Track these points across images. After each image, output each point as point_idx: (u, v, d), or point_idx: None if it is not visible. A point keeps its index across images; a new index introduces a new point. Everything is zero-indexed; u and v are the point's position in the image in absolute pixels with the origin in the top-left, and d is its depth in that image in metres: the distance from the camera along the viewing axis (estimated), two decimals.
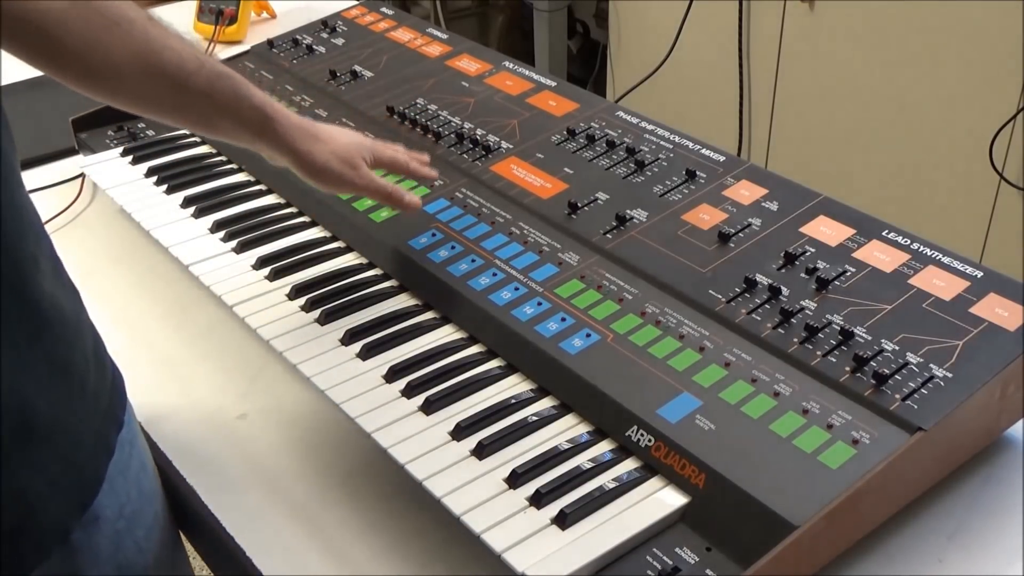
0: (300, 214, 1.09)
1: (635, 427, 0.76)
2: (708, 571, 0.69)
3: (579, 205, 0.98)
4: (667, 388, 0.78)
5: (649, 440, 0.75)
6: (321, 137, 0.89)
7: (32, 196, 0.67)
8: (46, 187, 1.25)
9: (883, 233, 0.90)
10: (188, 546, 0.91)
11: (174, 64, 0.78)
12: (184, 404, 0.93)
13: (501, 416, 0.80)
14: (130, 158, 1.21)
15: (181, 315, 1.03)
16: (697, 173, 1.00)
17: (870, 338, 0.79)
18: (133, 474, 0.76)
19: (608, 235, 0.94)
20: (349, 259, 1.01)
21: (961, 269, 0.85)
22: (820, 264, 0.87)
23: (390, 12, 1.41)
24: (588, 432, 0.79)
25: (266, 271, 0.99)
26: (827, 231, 0.91)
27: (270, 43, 1.38)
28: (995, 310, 0.80)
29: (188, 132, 1.25)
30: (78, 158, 1.28)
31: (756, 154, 2.39)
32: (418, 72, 1.25)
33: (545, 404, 0.82)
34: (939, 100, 1.97)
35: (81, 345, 0.70)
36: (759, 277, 0.86)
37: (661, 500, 0.73)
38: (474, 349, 0.88)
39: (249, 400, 0.92)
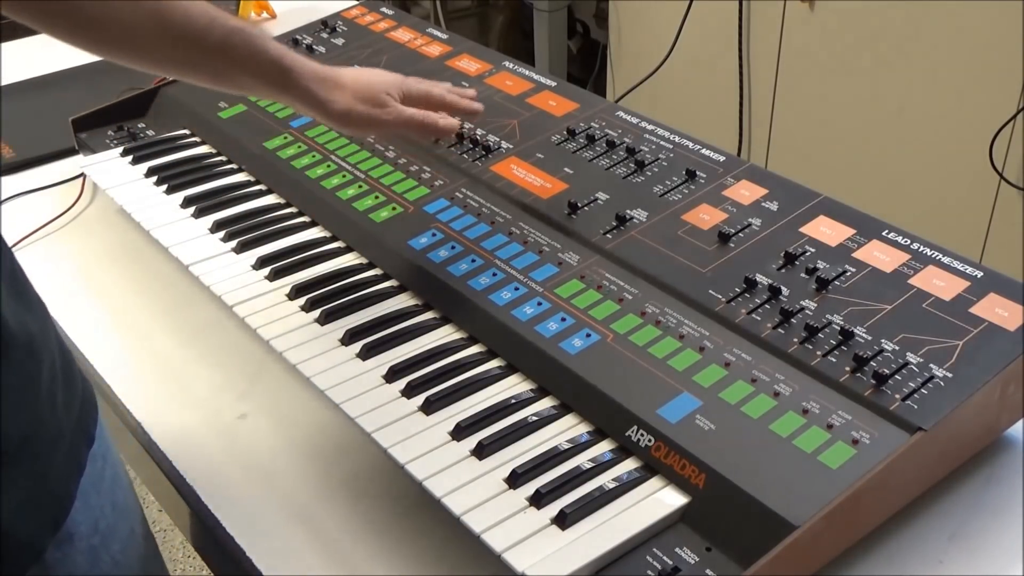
0: (300, 214, 1.09)
1: (635, 427, 0.76)
2: (708, 571, 0.69)
3: (579, 205, 0.98)
4: (667, 388, 0.78)
5: (649, 440, 0.75)
6: (342, 82, 0.87)
7: (32, 196, 0.67)
8: (46, 187, 1.25)
9: (883, 233, 0.90)
10: (188, 546, 0.91)
11: (183, 22, 0.78)
12: (184, 404, 0.93)
13: (501, 416, 0.80)
14: (130, 158, 1.21)
15: (181, 315, 1.03)
16: (697, 173, 1.00)
17: (870, 338, 0.79)
18: (107, 488, 0.74)
19: (608, 235, 0.94)
20: (349, 259, 1.01)
21: (961, 269, 0.85)
22: (820, 264, 0.87)
23: (390, 12, 1.41)
24: (588, 432, 0.79)
25: (266, 271, 0.99)
26: (827, 231, 0.91)
27: None
28: (995, 310, 0.80)
29: (188, 132, 1.25)
30: (78, 158, 1.28)
31: (756, 154, 2.39)
32: (418, 72, 1.25)
33: (545, 404, 0.82)
34: (939, 100, 1.97)
35: (48, 362, 0.68)
36: (759, 277, 0.86)
37: (661, 500, 0.73)
38: (474, 349, 0.88)
39: (249, 400, 0.92)
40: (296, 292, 0.95)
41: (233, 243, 1.04)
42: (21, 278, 0.70)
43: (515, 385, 0.84)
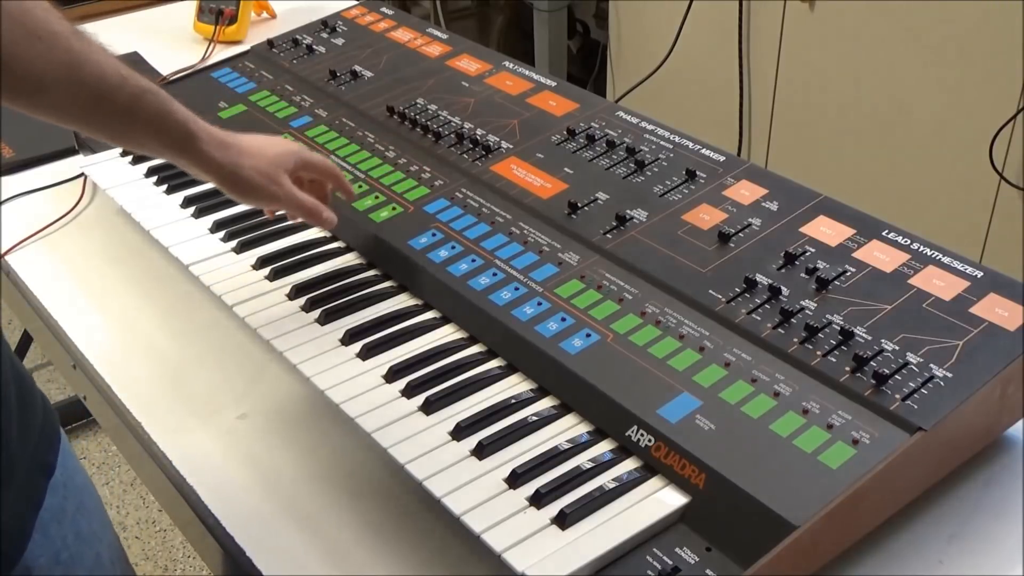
0: None
1: (635, 427, 0.76)
2: (708, 571, 0.69)
3: (579, 205, 0.98)
4: (667, 388, 0.78)
5: (649, 440, 0.75)
6: (245, 151, 0.88)
7: (32, 197, 0.67)
8: (46, 187, 1.25)
9: (883, 233, 0.90)
10: (188, 546, 0.91)
11: (96, 78, 0.76)
12: (184, 404, 0.93)
13: (501, 416, 0.80)
14: (130, 158, 1.21)
15: (181, 315, 1.03)
16: (697, 173, 1.00)
17: (870, 338, 0.79)
18: (69, 519, 0.73)
19: (608, 235, 0.94)
20: (349, 259, 1.01)
21: (961, 269, 0.85)
22: (820, 264, 0.87)
23: (390, 12, 1.41)
24: (588, 432, 0.79)
25: (266, 271, 0.99)
26: (827, 231, 0.91)
27: (270, 43, 1.38)
28: (995, 310, 0.80)
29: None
30: (78, 158, 1.28)
31: (756, 154, 2.39)
32: (418, 72, 1.25)
33: (545, 404, 0.82)
34: (939, 100, 1.97)
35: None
36: (759, 277, 0.86)
37: (661, 500, 0.73)
38: (474, 349, 0.88)
39: (249, 400, 0.92)
40: (296, 292, 0.95)
41: (233, 243, 1.04)
42: None
43: (515, 385, 0.84)
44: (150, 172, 1.18)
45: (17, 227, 1.17)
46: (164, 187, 1.15)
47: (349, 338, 0.89)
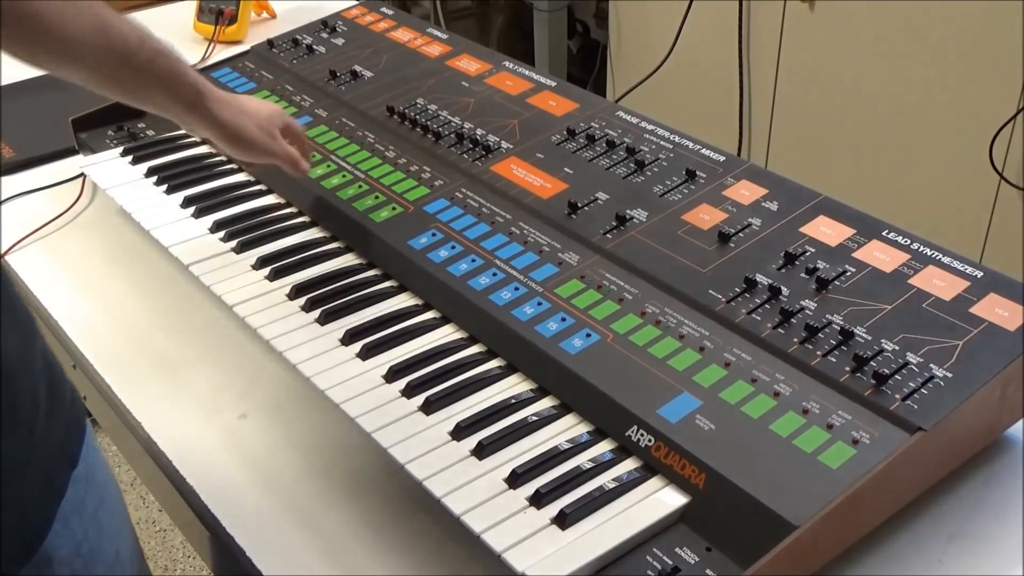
0: (300, 214, 1.09)
1: (635, 427, 0.76)
2: (708, 571, 0.69)
3: (579, 205, 0.98)
4: (667, 388, 0.78)
5: (649, 440, 0.75)
6: (245, 110, 0.96)
7: (32, 196, 0.67)
8: (46, 187, 1.25)
9: (883, 233, 0.90)
10: (188, 546, 0.91)
11: (121, 41, 0.83)
12: (184, 404, 0.93)
13: (501, 416, 0.80)
14: (130, 158, 1.21)
15: (181, 315, 1.03)
16: (697, 173, 1.00)
17: (870, 338, 0.79)
18: (89, 512, 0.74)
19: (608, 235, 0.94)
20: (349, 259, 1.01)
21: (961, 269, 0.85)
22: (820, 264, 0.87)
23: (390, 12, 1.41)
24: (588, 432, 0.79)
25: (266, 271, 0.99)
26: (827, 231, 0.91)
27: (270, 43, 1.38)
28: (995, 310, 0.80)
29: (188, 132, 1.25)
30: (78, 158, 1.28)
31: (756, 154, 2.39)
32: (418, 72, 1.25)
33: (545, 404, 0.82)
34: (939, 100, 1.97)
35: (29, 386, 0.67)
36: (759, 277, 0.86)
37: (661, 500, 0.73)
38: (474, 349, 0.88)
39: (249, 400, 0.92)
40: (296, 292, 0.95)
41: (233, 243, 1.04)
42: (7, 298, 0.69)
43: (515, 385, 0.84)
44: (150, 172, 1.18)
45: (17, 227, 1.17)
46: (164, 187, 1.15)
47: (349, 338, 0.89)
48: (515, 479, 0.74)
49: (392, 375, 0.85)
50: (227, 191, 1.13)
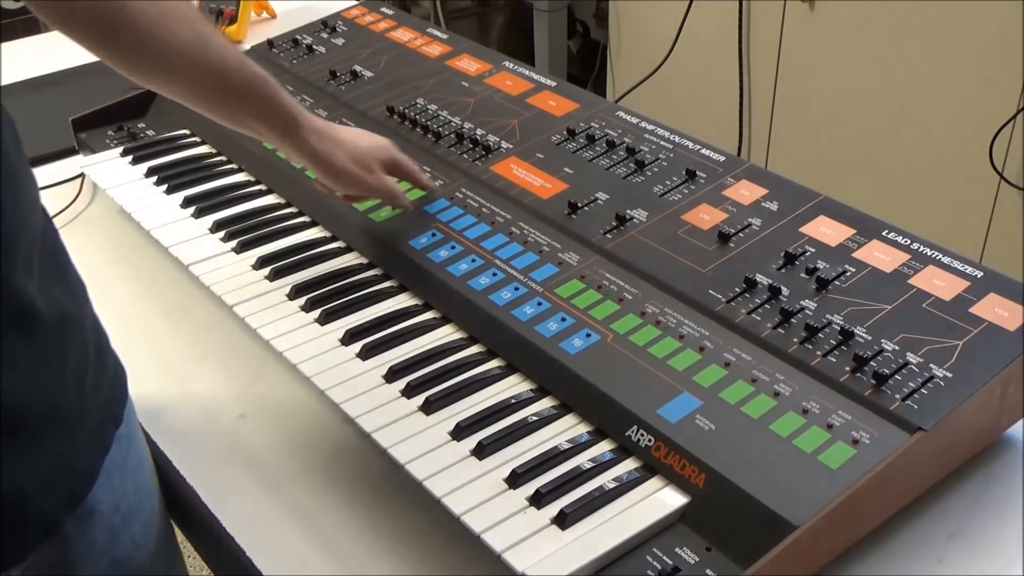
0: (300, 214, 1.09)
1: (635, 427, 0.76)
2: (708, 571, 0.69)
3: (579, 205, 0.98)
4: (667, 388, 0.78)
5: (649, 440, 0.75)
6: (341, 141, 0.94)
7: None
8: (46, 187, 1.25)
9: (883, 233, 0.90)
10: (188, 546, 0.91)
11: (218, 61, 0.83)
12: (184, 404, 0.93)
13: (501, 416, 0.80)
14: (130, 158, 1.21)
15: (181, 315, 1.03)
16: (697, 173, 1.00)
17: (870, 338, 0.79)
18: (130, 470, 0.76)
19: (608, 235, 0.94)
20: (349, 259, 1.01)
21: (961, 269, 0.85)
22: (820, 264, 0.87)
23: (390, 12, 1.41)
24: (588, 432, 0.79)
25: (266, 271, 0.99)
26: (827, 231, 0.91)
27: (270, 43, 1.38)
28: (995, 310, 0.80)
29: (188, 132, 1.25)
30: (78, 158, 1.28)
31: (756, 154, 2.39)
32: (418, 72, 1.25)
33: (545, 404, 0.82)
34: (939, 100, 1.97)
35: (79, 342, 0.70)
36: (759, 277, 0.86)
37: (661, 500, 0.73)
38: (474, 349, 0.88)
39: (249, 400, 0.92)
40: (296, 292, 0.95)
41: (233, 243, 1.04)
42: (63, 258, 0.72)
43: (515, 385, 0.84)
44: (150, 172, 1.18)
45: None
46: (164, 187, 1.15)
47: (349, 338, 0.89)
48: (515, 479, 0.74)
49: (392, 375, 0.85)
50: (227, 191, 1.13)
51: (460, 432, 0.79)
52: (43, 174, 1.28)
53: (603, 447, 0.78)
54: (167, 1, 0.79)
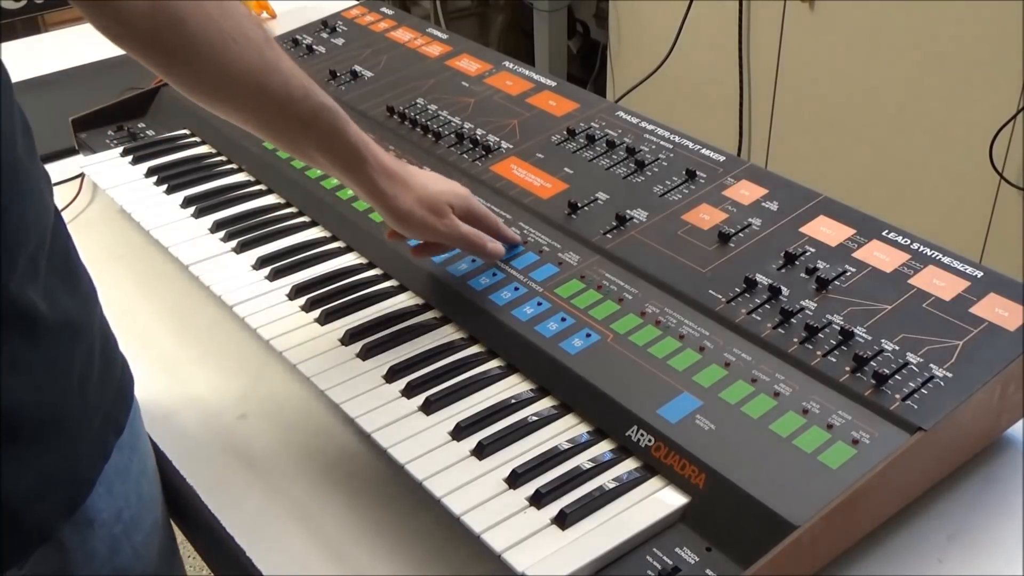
0: (300, 214, 1.09)
1: (635, 427, 0.76)
2: (708, 571, 0.69)
3: (579, 205, 0.98)
4: (667, 388, 0.78)
5: (649, 440, 0.75)
6: (410, 183, 0.88)
7: None
8: None
9: (883, 233, 0.90)
10: (188, 546, 0.91)
11: (282, 89, 0.79)
12: (184, 404, 0.93)
13: (501, 416, 0.80)
14: (130, 158, 1.21)
15: (181, 315, 1.03)
16: (697, 173, 1.00)
17: (870, 338, 0.79)
18: (133, 479, 0.76)
19: (608, 235, 0.94)
20: (349, 259, 1.01)
21: (961, 269, 0.85)
22: (820, 264, 0.87)
23: (390, 12, 1.41)
24: (588, 432, 0.79)
25: (266, 271, 0.99)
26: (827, 231, 0.91)
27: None
28: (995, 310, 0.80)
29: (188, 132, 1.25)
30: (78, 158, 1.28)
31: (756, 154, 2.39)
32: (418, 72, 1.25)
33: (545, 404, 0.82)
34: (939, 100, 1.97)
35: (84, 347, 0.69)
36: (759, 277, 0.86)
37: (661, 500, 0.73)
38: (474, 349, 0.88)
39: (249, 400, 0.92)
40: (296, 292, 0.95)
41: (233, 243, 1.04)
42: (72, 260, 0.71)
43: (515, 385, 0.84)
44: (150, 172, 1.18)
45: None
46: (164, 187, 1.15)
47: (349, 338, 0.89)
48: (515, 479, 0.74)
49: (392, 375, 0.85)
50: (227, 191, 1.13)
51: (460, 432, 0.79)
52: None
53: (603, 447, 0.78)
54: (233, 21, 0.75)
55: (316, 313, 0.93)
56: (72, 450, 0.68)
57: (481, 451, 0.77)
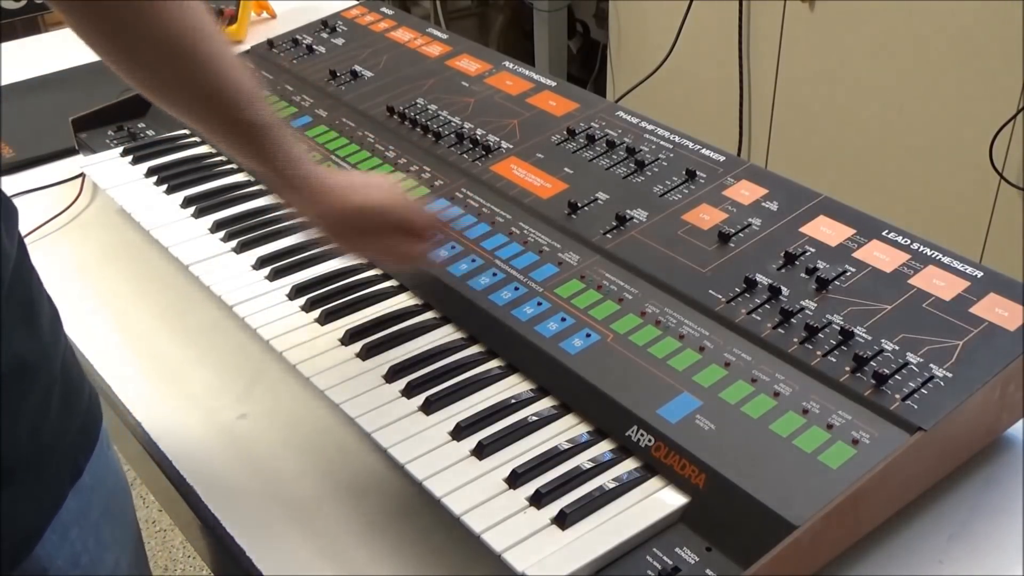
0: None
1: (635, 427, 0.76)
2: (708, 571, 0.69)
3: (579, 205, 0.98)
4: (667, 388, 0.78)
5: (649, 440, 0.75)
6: (319, 198, 0.82)
7: (31, 196, 0.67)
8: (45, 187, 1.25)
9: (883, 233, 0.90)
10: (188, 546, 0.91)
11: (213, 79, 0.75)
12: (184, 404, 0.93)
13: (501, 416, 0.80)
14: (130, 158, 1.21)
15: (181, 315, 1.03)
16: (697, 173, 1.00)
17: (870, 338, 0.79)
18: (91, 523, 0.73)
19: (608, 235, 0.94)
20: (349, 259, 1.01)
21: (961, 269, 0.85)
22: (820, 264, 0.87)
23: (390, 12, 1.41)
24: (588, 432, 0.79)
25: (266, 271, 0.99)
26: (827, 231, 0.91)
27: (270, 43, 1.38)
28: (995, 310, 0.80)
29: (188, 132, 1.25)
30: (78, 158, 1.28)
31: (756, 154, 2.39)
32: (418, 72, 1.25)
33: (545, 404, 0.82)
34: (939, 100, 1.97)
35: (40, 391, 0.66)
36: (759, 277, 0.86)
37: (661, 500, 0.73)
38: (474, 349, 0.88)
39: (249, 400, 0.92)
40: (296, 292, 0.95)
41: (233, 243, 1.04)
42: (34, 299, 0.67)
43: (515, 385, 0.84)
44: (150, 172, 1.18)
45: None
46: (164, 187, 1.15)
47: (349, 338, 0.89)
48: (515, 479, 0.74)
49: (392, 375, 0.85)
50: (227, 191, 1.13)
51: (460, 432, 0.79)
52: (43, 174, 1.28)
53: (603, 447, 0.78)
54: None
55: (316, 313, 0.93)
56: (17, 500, 0.65)
57: (481, 451, 0.77)
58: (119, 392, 0.94)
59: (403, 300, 0.95)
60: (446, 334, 0.90)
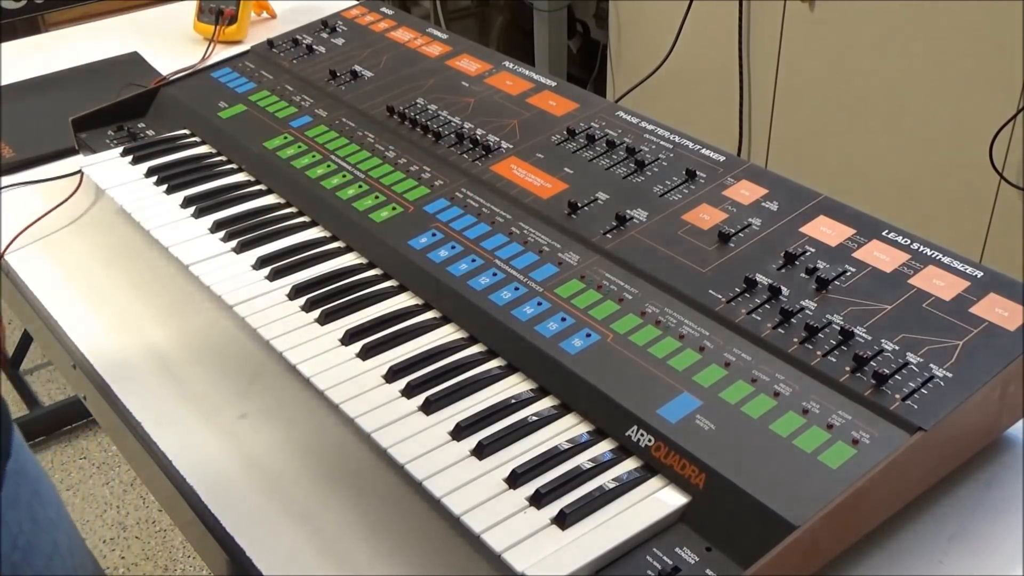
0: (300, 214, 1.09)
1: (635, 427, 0.76)
2: (708, 571, 0.69)
3: (579, 205, 0.98)
4: (667, 388, 0.78)
5: (649, 440, 0.75)
6: None
7: (31, 198, 0.67)
8: (42, 180, 1.25)
9: (883, 233, 0.90)
10: (188, 546, 0.91)
11: None
12: (184, 404, 0.93)
13: (501, 416, 0.80)
14: (130, 158, 1.21)
15: (181, 315, 1.03)
16: (697, 173, 1.00)
17: (870, 338, 0.79)
18: (24, 504, 0.74)
19: (608, 235, 0.94)
20: (349, 259, 1.01)
21: (961, 269, 0.85)
22: (820, 264, 0.87)
23: (390, 12, 1.41)
24: (588, 432, 0.79)
25: (266, 271, 0.99)
26: (827, 231, 0.91)
27: (270, 43, 1.38)
28: (995, 310, 0.80)
29: (188, 132, 1.25)
30: (78, 158, 1.28)
31: (756, 154, 2.39)
32: (418, 72, 1.25)
33: (545, 404, 0.82)
34: (939, 100, 1.97)
35: None
36: (759, 277, 0.86)
37: (661, 500, 0.73)
38: (474, 349, 0.88)
39: (249, 400, 0.92)
40: (296, 292, 0.95)
41: (233, 243, 1.04)
42: None
43: (515, 385, 0.84)
44: (150, 172, 1.18)
45: (16, 227, 1.17)
46: (164, 187, 1.15)
47: (349, 338, 0.89)
48: (515, 479, 0.74)
49: (392, 375, 0.85)
50: (227, 191, 1.13)
51: (460, 432, 0.79)
52: (43, 174, 1.28)
53: (603, 447, 0.78)
54: None
55: (316, 313, 0.93)
56: None
57: (481, 451, 0.77)
58: (120, 392, 0.94)
59: (403, 300, 0.95)
60: (446, 334, 0.90)
